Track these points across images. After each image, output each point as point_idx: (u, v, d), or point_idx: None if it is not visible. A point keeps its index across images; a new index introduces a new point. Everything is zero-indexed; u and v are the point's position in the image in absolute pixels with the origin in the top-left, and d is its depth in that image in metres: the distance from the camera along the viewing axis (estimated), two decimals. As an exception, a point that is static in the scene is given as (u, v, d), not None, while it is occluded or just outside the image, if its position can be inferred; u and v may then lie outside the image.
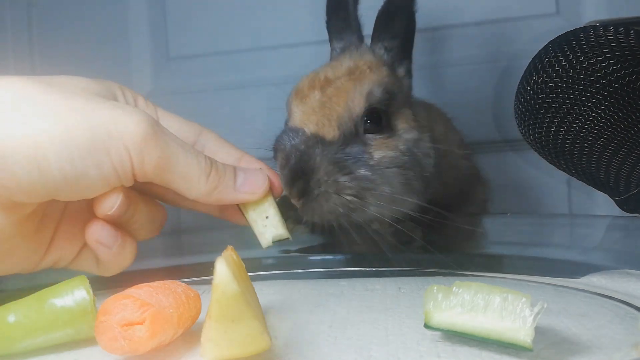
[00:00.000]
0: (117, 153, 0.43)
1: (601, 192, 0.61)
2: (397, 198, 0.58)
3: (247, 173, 0.50)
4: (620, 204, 0.60)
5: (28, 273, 0.49)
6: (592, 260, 0.59)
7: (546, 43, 0.58)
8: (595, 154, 0.55)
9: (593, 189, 0.62)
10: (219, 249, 0.38)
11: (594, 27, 0.54)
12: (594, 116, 0.53)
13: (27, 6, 1.08)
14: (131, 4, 1.06)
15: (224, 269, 0.31)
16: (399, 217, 0.59)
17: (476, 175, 0.80)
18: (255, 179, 0.50)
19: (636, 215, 0.60)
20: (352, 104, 0.58)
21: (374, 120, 0.59)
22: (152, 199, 0.52)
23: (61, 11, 1.07)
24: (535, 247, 0.68)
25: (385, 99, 0.60)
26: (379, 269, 0.60)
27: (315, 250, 0.71)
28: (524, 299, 0.34)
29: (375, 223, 0.63)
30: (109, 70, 1.01)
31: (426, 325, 0.37)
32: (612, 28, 0.53)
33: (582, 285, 0.51)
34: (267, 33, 1.03)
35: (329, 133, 0.56)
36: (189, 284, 0.42)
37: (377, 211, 0.56)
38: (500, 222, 0.78)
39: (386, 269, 0.59)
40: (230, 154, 0.54)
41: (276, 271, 0.62)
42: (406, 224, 0.63)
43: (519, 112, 0.60)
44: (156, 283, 0.39)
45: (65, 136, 0.41)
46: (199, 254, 0.70)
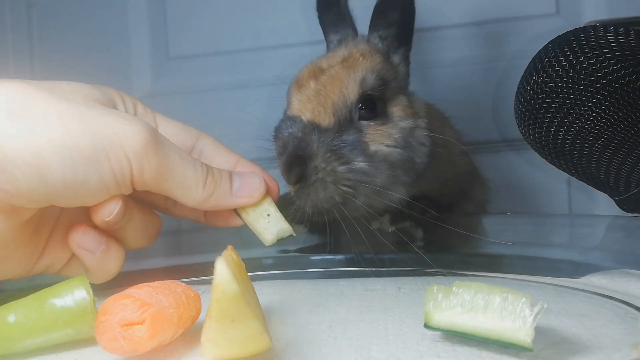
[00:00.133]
0: (117, 161, 0.43)
1: (601, 192, 0.61)
2: (386, 190, 0.58)
3: (243, 177, 0.51)
4: (620, 204, 0.60)
5: (18, 279, 0.49)
6: (592, 260, 0.59)
7: (546, 43, 0.58)
8: (595, 154, 0.55)
9: (593, 189, 0.61)
10: (219, 249, 0.38)
11: (594, 27, 0.54)
12: (594, 116, 0.53)
13: (27, 6, 1.08)
14: (131, 4, 1.06)
15: (224, 269, 0.31)
16: (387, 209, 0.60)
17: (475, 174, 0.80)
18: (252, 183, 0.50)
19: (636, 215, 0.60)
20: (346, 91, 0.59)
21: (369, 106, 0.60)
22: (148, 207, 0.52)
23: (61, 11, 1.08)
24: (535, 247, 0.68)
25: (379, 85, 0.61)
26: (379, 268, 0.60)
27: (315, 250, 0.71)
28: (524, 299, 0.34)
29: (375, 223, 0.64)
30: (109, 70, 1.02)
31: (426, 325, 0.37)
32: (612, 28, 0.53)
33: (582, 285, 0.51)
34: (267, 33, 1.03)
35: (325, 120, 0.57)
36: (189, 284, 0.42)
37: (366, 203, 0.57)
38: (500, 222, 0.78)
39: (386, 269, 0.60)
40: (227, 159, 0.54)
41: (276, 271, 0.62)
42: (406, 224, 0.63)
43: (519, 112, 0.59)
44: (156, 283, 0.39)
45: (67, 142, 0.41)
46: (199, 254, 0.70)
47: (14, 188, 0.41)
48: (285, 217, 0.51)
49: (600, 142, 0.54)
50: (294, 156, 0.54)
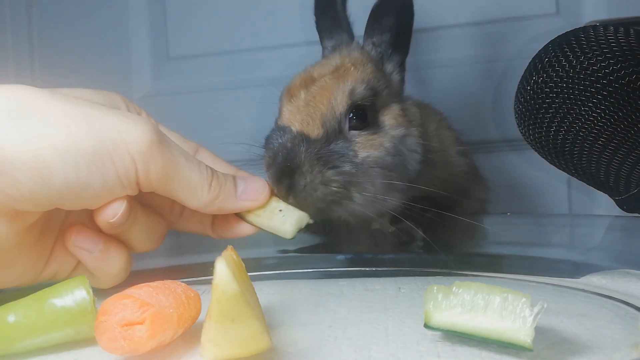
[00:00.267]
0: (122, 161, 0.43)
1: (601, 192, 0.61)
2: (379, 197, 0.58)
3: (247, 181, 0.51)
4: (620, 204, 0.60)
5: (26, 286, 0.49)
6: (592, 260, 0.59)
7: (546, 43, 0.58)
8: (595, 154, 0.55)
9: (593, 189, 0.62)
10: (219, 249, 0.38)
11: (594, 27, 0.54)
12: (594, 116, 0.53)
13: (27, 6, 1.08)
14: (131, 4, 1.06)
15: (224, 269, 0.31)
16: (385, 214, 0.60)
17: (475, 174, 0.80)
18: (256, 187, 0.51)
19: (636, 215, 0.60)
20: (335, 102, 0.59)
21: (359, 116, 0.60)
22: (153, 209, 0.52)
23: (61, 11, 1.08)
24: (535, 247, 0.68)
25: (370, 95, 0.61)
26: (379, 268, 0.60)
27: (315, 250, 0.71)
28: (524, 299, 0.34)
29: (375, 223, 0.64)
30: (109, 70, 1.02)
31: (426, 325, 0.37)
32: (612, 28, 0.53)
33: (582, 285, 0.51)
34: (267, 33, 1.03)
35: (313, 131, 0.57)
36: (189, 284, 0.42)
37: (361, 206, 0.57)
38: (500, 222, 0.78)
39: (386, 269, 0.60)
40: (226, 171, 0.54)
41: (276, 271, 0.62)
42: (406, 224, 0.63)
43: (519, 112, 0.60)
44: (156, 283, 0.39)
45: (69, 144, 0.41)
46: (199, 254, 0.69)
47: (16, 192, 0.40)
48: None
49: (600, 142, 0.54)
50: (283, 167, 0.55)
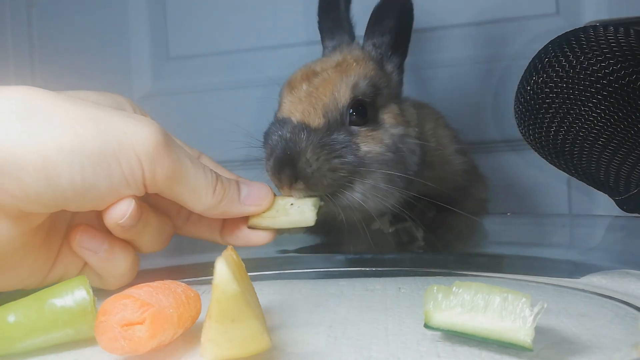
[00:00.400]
0: (128, 162, 0.43)
1: (601, 192, 0.61)
2: (380, 192, 0.58)
3: (251, 186, 0.51)
4: (620, 204, 0.60)
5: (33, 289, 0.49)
6: (592, 260, 0.59)
7: (546, 43, 0.58)
8: (595, 154, 0.55)
9: (593, 189, 0.61)
10: (219, 249, 0.38)
11: (594, 27, 0.54)
12: (594, 116, 0.53)
13: (27, 6, 1.08)
14: (131, 4, 1.06)
15: (224, 269, 0.31)
16: (383, 211, 0.60)
17: (473, 172, 0.80)
18: (260, 191, 0.51)
19: (636, 215, 0.60)
20: (338, 94, 0.59)
21: (359, 112, 0.59)
22: (161, 210, 0.52)
23: (61, 11, 1.08)
24: (535, 247, 0.68)
25: (371, 91, 0.61)
26: (379, 268, 0.60)
27: (315, 250, 0.71)
28: (524, 299, 0.34)
29: (375, 223, 0.63)
30: (109, 70, 1.02)
31: (426, 325, 0.37)
32: (612, 28, 0.53)
33: (582, 285, 0.51)
34: (268, 33, 1.03)
35: (315, 121, 0.57)
36: (189, 284, 0.42)
37: (362, 200, 0.57)
38: (500, 222, 0.78)
39: (386, 269, 0.60)
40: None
41: (276, 271, 0.62)
42: (406, 224, 0.63)
43: (519, 112, 0.59)
44: (156, 283, 0.39)
45: (75, 144, 0.41)
46: (199, 254, 0.69)
47: (22, 193, 0.40)
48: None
49: (600, 142, 0.54)
50: (283, 157, 0.53)
